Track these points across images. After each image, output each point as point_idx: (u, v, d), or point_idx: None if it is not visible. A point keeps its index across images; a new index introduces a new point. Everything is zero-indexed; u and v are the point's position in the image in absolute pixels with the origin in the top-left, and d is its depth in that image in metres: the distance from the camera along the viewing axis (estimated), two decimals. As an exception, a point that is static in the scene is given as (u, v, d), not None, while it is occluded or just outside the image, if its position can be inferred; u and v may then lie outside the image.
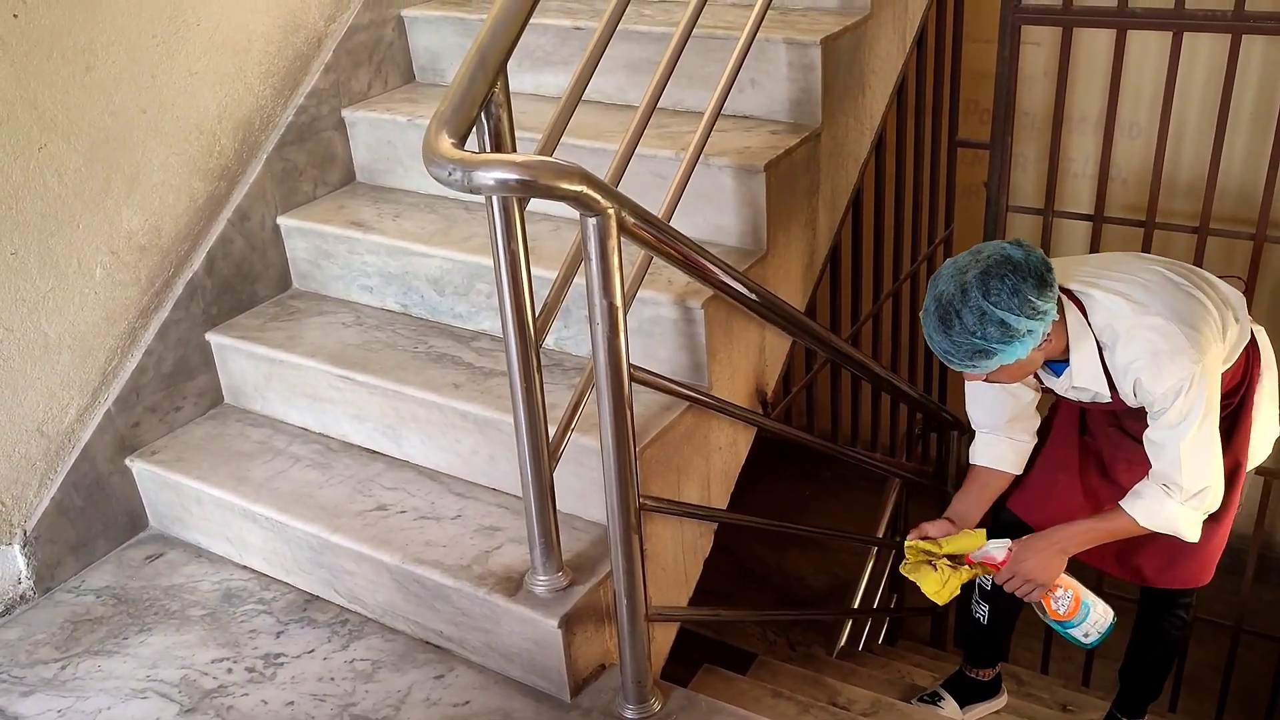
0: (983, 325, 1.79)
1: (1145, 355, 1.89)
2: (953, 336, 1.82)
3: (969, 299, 1.79)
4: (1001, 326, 1.79)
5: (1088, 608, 2.15)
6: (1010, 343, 1.81)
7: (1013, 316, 1.79)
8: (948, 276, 1.85)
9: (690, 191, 1.98)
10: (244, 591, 2.17)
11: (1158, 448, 1.97)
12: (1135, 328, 1.90)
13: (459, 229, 2.38)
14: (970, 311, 1.79)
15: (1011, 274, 1.79)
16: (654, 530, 1.98)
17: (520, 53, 2.53)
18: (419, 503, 2.10)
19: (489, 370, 2.17)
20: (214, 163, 2.35)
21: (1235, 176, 3.65)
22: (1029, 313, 1.79)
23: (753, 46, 2.05)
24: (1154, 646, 2.56)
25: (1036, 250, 1.85)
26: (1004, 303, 1.78)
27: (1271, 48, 3.52)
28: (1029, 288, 1.79)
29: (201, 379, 2.40)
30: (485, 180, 1.36)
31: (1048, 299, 1.81)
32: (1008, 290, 1.78)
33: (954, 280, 1.83)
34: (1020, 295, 1.78)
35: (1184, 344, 1.87)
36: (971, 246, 1.92)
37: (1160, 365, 1.88)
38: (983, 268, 1.81)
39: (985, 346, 1.81)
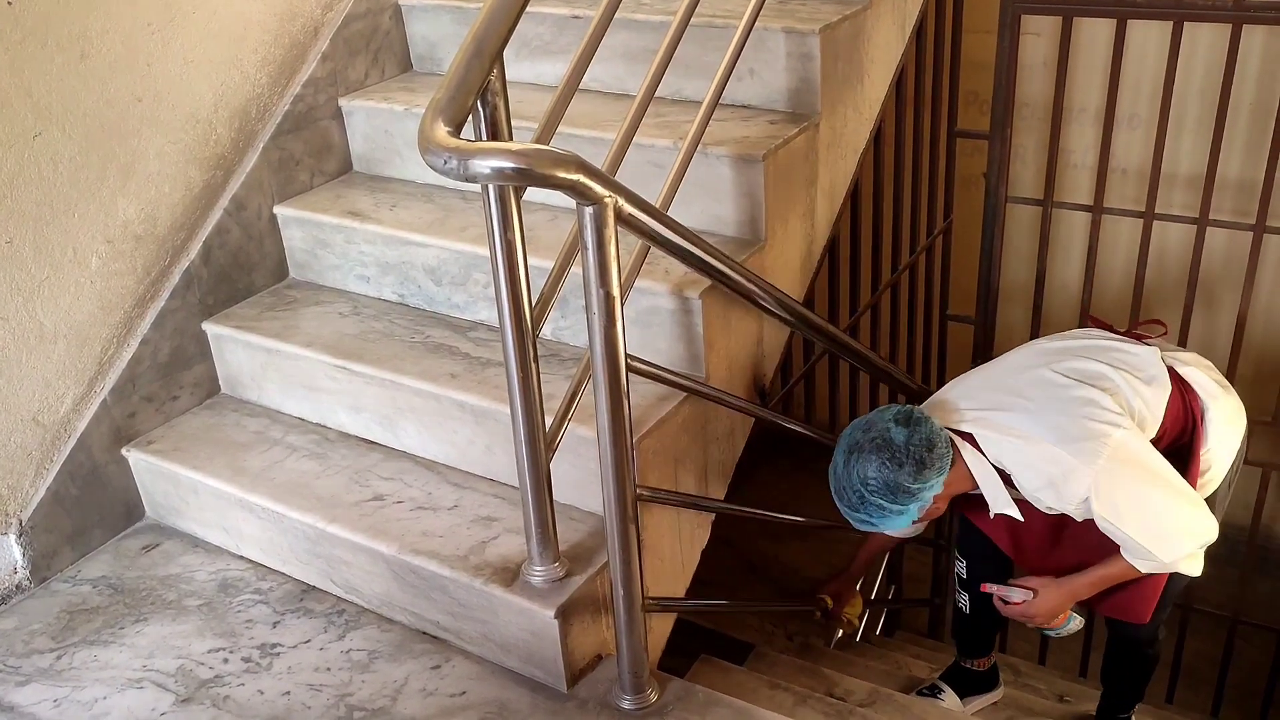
0: (864, 505, 1.91)
1: (1042, 484, 1.93)
2: (844, 506, 1.96)
3: (851, 483, 1.91)
4: (879, 508, 1.90)
5: (1070, 620, 2.27)
6: (891, 517, 1.92)
7: (888, 501, 1.89)
8: (842, 446, 1.95)
9: (688, 181, 1.97)
10: (240, 581, 2.17)
11: (1114, 538, 1.98)
12: (1024, 464, 1.94)
13: (456, 219, 2.37)
14: (853, 493, 1.91)
15: (889, 462, 1.87)
16: (651, 520, 1.97)
17: (518, 42, 2.52)
18: (416, 493, 2.09)
19: (486, 360, 2.17)
20: (210, 152, 2.34)
21: (1235, 168, 3.64)
22: (903, 498, 1.88)
23: (751, 35, 2.04)
24: (1127, 658, 2.57)
25: (925, 424, 1.90)
26: (879, 491, 1.88)
27: (1272, 39, 3.51)
28: (905, 475, 1.86)
29: (198, 369, 2.40)
30: (481, 169, 1.35)
31: (924, 479, 1.88)
32: (882, 481, 1.87)
33: (843, 454, 1.93)
34: (894, 484, 1.87)
35: (1074, 462, 1.89)
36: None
37: (1059, 489, 1.92)
38: (862, 454, 1.89)
39: (868, 519, 1.94)
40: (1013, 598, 2.19)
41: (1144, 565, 2.02)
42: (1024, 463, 1.95)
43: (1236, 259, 3.05)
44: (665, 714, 1.80)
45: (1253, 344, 3.57)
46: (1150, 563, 2.01)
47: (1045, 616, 2.19)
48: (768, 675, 2.31)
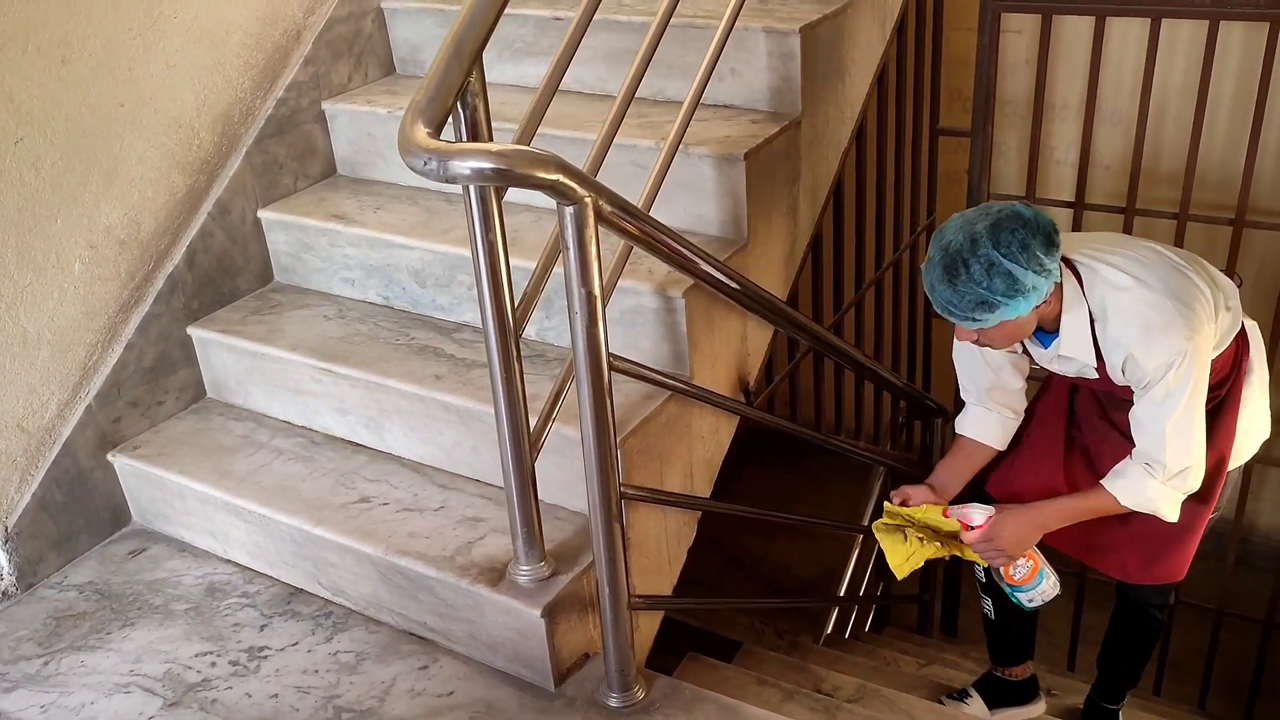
0: (990, 277, 1.80)
1: (1137, 328, 1.89)
2: (958, 287, 1.83)
3: (978, 249, 1.81)
4: (1008, 279, 1.80)
5: (1042, 577, 2.19)
6: (1014, 297, 1.82)
7: (1020, 269, 1.79)
8: (955, 228, 1.86)
9: (670, 181, 1.98)
10: (228, 585, 2.17)
11: (1141, 424, 1.98)
12: (1130, 301, 1.91)
13: (440, 220, 2.37)
14: (979, 262, 1.80)
15: (1021, 229, 1.81)
16: (637, 519, 1.98)
17: (500, 43, 2.53)
18: (402, 494, 2.10)
19: (471, 361, 2.17)
20: (193, 156, 2.34)
21: (1215, 162, 3.66)
22: (1036, 268, 1.81)
23: (732, 35, 2.05)
24: (1132, 637, 2.55)
25: (1044, 213, 1.86)
26: (1013, 256, 1.79)
27: (1250, 33, 3.54)
28: (1038, 244, 1.80)
29: (183, 373, 2.40)
30: (461, 170, 1.36)
31: (1053, 258, 1.83)
32: (1018, 244, 1.79)
33: (962, 231, 1.84)
34: (1029, 250, 1.80)
35: (1176, 319, 1.87)
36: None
37: (1152, 338, 1.88)
38: (993, 220, 1.82)
39: (990, 298, 1.82)
40: (974, 518, 2.10)
41: (1129, 492, 1.99)
42: (1125, 306, 1.91)
43: (1218, 253, 3.07)
44: (652, 711, 1.81)
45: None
46: (1138, 485, 1.98)
47: (1012, 544, 2.09)
48: (755, 672, 2.32)
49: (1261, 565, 4.18)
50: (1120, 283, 1.92)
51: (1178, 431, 1.93)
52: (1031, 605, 2.24)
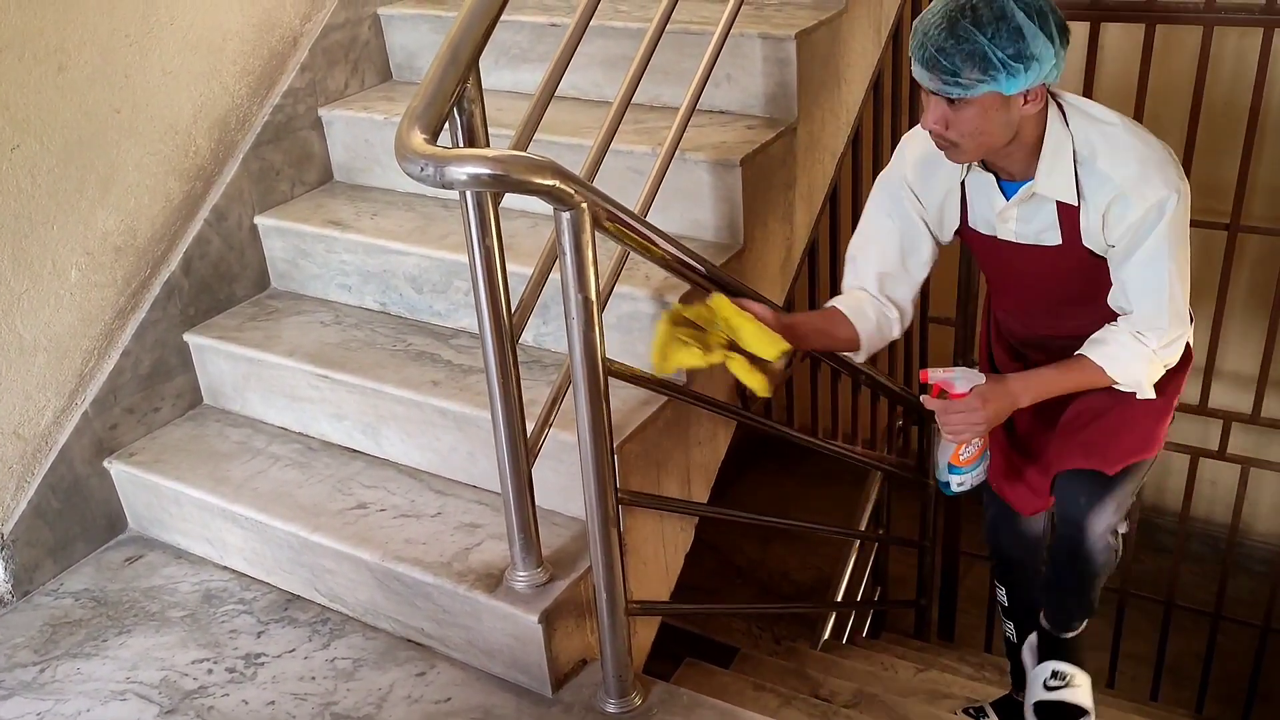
0: (997, 27, 1.56)
1: (1134, 162, 1.70)
2: (956, 30, 1.57)
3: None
4: (1017, 37, 1.57)
5: (986, 457, 2.00)
6: (1016, 64, 1.58)
7: (1032, 30, 1.57)
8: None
9: (667, 187, 1.98)
10: (224, 592, 2.17)
11: (1135, 288, 1.77)
12: (1122, 134, 1.72)
13: (437, 226, 2.37)
14: (989, 7, 1.57)
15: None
16: (634, 524, 1.98)
17: (496, 50, 2.53)
18: (399, 501, 2.10)
19: (468, 367, 2.17)
20: (190, 163, 2.35)
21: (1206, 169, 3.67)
22: (1048, 37, 1.59)
23: (728, 41, 2.05)
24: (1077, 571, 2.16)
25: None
26: (1031, 12, 1.57)
27: (1243, 40, 3.55)
28: (1055, 19, 1.61)
29: (180, 380, 2.39)
30: (457, 175, 1.36)
31: (1064, 43, 1.62)
32: (1041, 4, 1.59)
33: None
34: (1047, 18, 1.59)
35: (1168, 161, 1.71)
36: None
37: (1148, 173, 1.69)
38: None
39: (990, 54, 1.57)
40: (957, 385, 1.83)
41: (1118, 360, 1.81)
42: (1118, 140, 1.72)
43: (1212, 261, 3.08)
44: (650, 717, 1.81)
45: (1229, 345, 3.61)
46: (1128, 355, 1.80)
47: (990, 420, 1.83)
48: (753, 677, 2.32)
49: (1259, 569, 4.19)
50: (1109, 119, 1.73)
51: (1175, 292, 1.75)
52: (960, 489, 2.01)
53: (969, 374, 1.84)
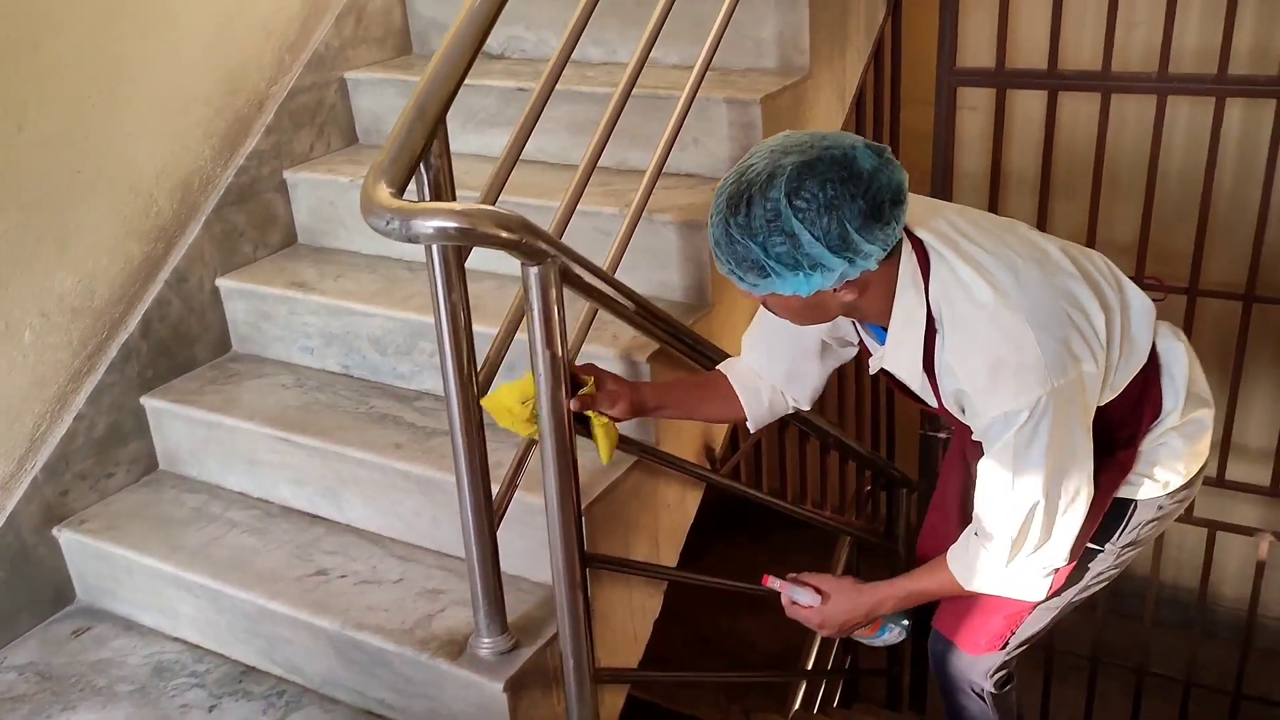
0: (769, 230, 1.35)
1: (982, 363, 1.44)
2: (730, 229, 1.39)
3: (769, 191, 1.35)
4: (790, 243, 1.35)
5: (885, 629, 1.91)
6: (791, 269, 1.37)
7: (809, 237, 1.34)
8: (765, 151, 1.41)
9: (635, 248, 1.98)
10: (175, 664, 2.09)
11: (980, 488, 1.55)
12: (981, 323, 1.44)
13: (401, 288, 2.35)
14: (764, 206, 1.35)
15: (840, 182, 1.33)
16: (601, 590, 1.94)
17: (463, 114, 2.54)
18: (360, 567, 2.04)
19: (432, 430, 2.14)
20: (150, 224, 2.32)
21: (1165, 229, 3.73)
22: (834, 243, 1.35)
23: (695, 105, 2.07)
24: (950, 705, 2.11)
25: (900, 171, 1.39)
26: (809, 215, 1.33)
27: (1195, 110, 3.64)
28: (853, 213, 1.34)
29: (135, 445, 2.33)
30: (424, 229, 1.34)
31: (873, 238, 1.36)
32: (823, 201, 1.33)
33: (769, 158, 1.38)
34: (835, 215, 1.33)
35: (1035, 359, 1.42)
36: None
37: (998, 381, 1.44)
38: (810, 157, 1.35)
39: (760, 260, 1.37)
40: (800, 598, 1.79)
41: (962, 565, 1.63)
42: (973, 328, 1.45)
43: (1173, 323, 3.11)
44: (619, 790, 1.75)
45: (1193, 406, 3.63)
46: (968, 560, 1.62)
47: (835, 629, 1.76)
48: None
49: (1228, 635, 4.17)
50: (977, 294, 1.44)
51: (1018, 501, 1.50)
52: (872, 645, 1.98)
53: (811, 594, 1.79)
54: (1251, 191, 3.34)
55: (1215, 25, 2.68)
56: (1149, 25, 3.56)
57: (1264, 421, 3.72)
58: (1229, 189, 3.74)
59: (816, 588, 1.79)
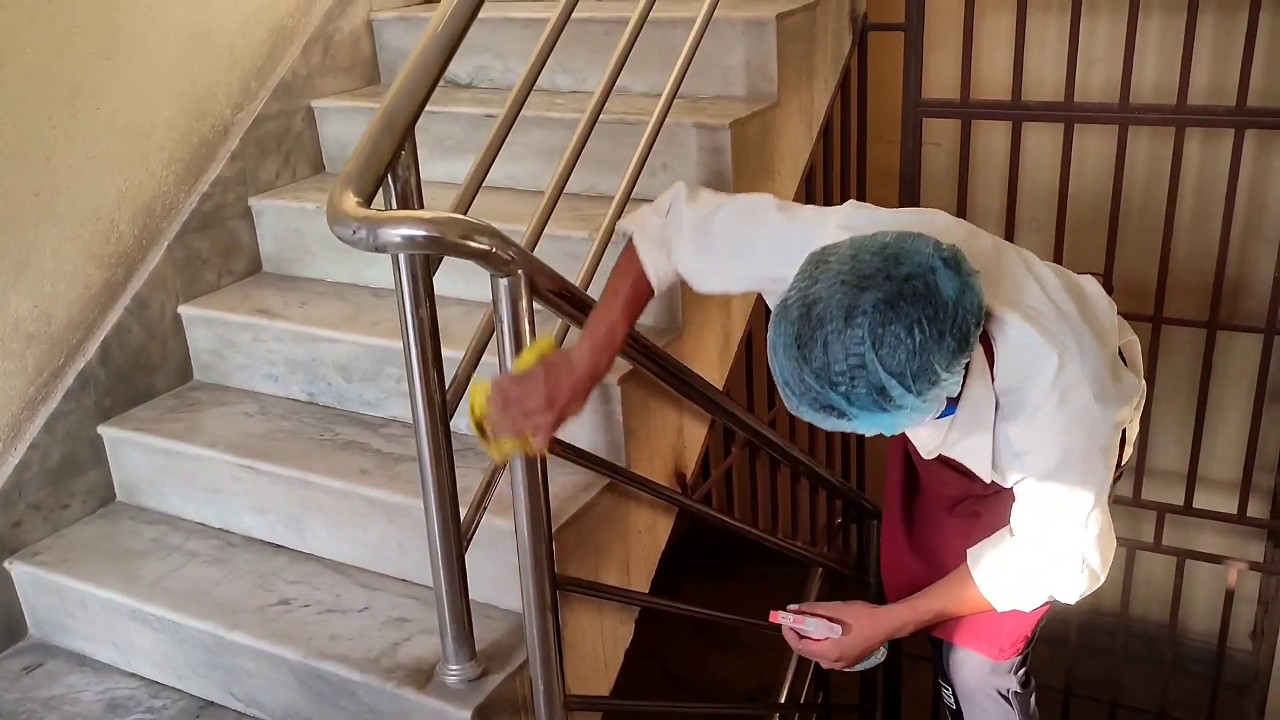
0: (852, 380, 1.20)
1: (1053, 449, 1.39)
2: (804, 374, 1.23)
3: (850, 336, 1.19)
4: (877, 392, 1.21)
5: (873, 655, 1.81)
6: (881, 413, 1.24)
7: (900, 389, 1.21)
8: (832, 279, 1.22)
9: (605, 273, 1.96)
10: (130, 700, 2.02)
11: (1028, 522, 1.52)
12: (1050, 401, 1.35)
13: (368, 315, 2.32)
14: (843, 352, 1.19)
15: (928, 323, 1.19)
16: (572, 617, 1.90)
17: (432, 141, 2.53)
18: (324, 596, 1.99)
19: (399, 456, 2.10)
20: (111, 249, 2.28)
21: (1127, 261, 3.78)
22: (925, 389, 1.22)
23: (664, 131, 2.07)
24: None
25: (976, 280, 1.24)
26: (896, 364, 1.19)
27: (1155, 144, 3.70)
28: (944, 349, 1.20)
29: (91, 475, 2.27)
30: (391, 238, 1.32)
31: (959, 364, 1.24)
32: (911, 349, 1.19)
33: (840, 291, 1.20)
34: (923, 358, 1.20)
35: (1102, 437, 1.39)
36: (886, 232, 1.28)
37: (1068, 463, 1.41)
38: (892, 290, 1.19)
39: (842, 407, 1.23)
40: (811, 632, 1.66)
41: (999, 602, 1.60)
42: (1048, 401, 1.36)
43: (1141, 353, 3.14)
44: (590, 821, 1.70)
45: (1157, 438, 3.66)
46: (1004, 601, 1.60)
47: (852, 660, 1.68)
48: (697, 781, 2.21)
49: (1198, 669, 4.17)
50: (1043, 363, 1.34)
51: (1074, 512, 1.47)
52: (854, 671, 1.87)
53: (826, 626, 1.70)
54: (1211, 225, 3.40)
55: (1172, 63, 2.73)
56: (1108, 63, 3.63)
57: (1229, 453, 3.74)
58: (1188, 223, 3.81)
59: (830, 618, 1.69)
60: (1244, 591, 4.29)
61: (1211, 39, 3.42)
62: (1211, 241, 2.98)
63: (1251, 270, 3.81)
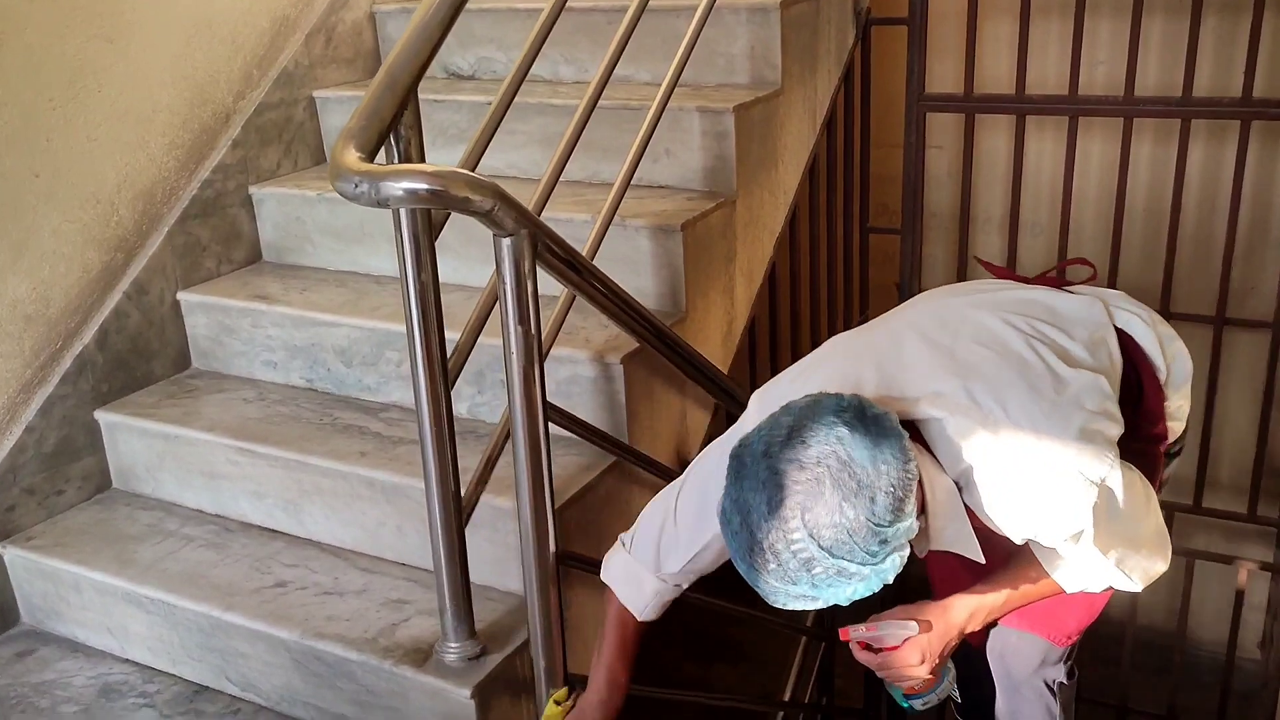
0: (809, 572, 1.21)
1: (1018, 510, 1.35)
2: (767, 579, 1.23)
3: (788, 536, 1.19)
4: (838, 575, 1.21)
5: (945, 672, 1.60)
6: (851, 582, 1.23)
7: (852, 563, 1.20)
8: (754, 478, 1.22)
9: (608, 254, 1.95)
10: (124, 685, 1.98)
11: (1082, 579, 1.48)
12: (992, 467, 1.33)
13: (369, 300, 2.30)
14: (789, 551, 1.20)
15: (853, 495, 1.18)
16: (574, 599, 1.86)
17: (434, 130, 2.51)
18: (321, 579, 1.96)
19: (398, 439, 2.07)
20: (111, 233, 2.26)
21: (1134, 270, 3.77)
22: (875, 546, 1.20)
23: (667, 116, 2.06)
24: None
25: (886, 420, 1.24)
26: (839, 545, 1.19)
27: (1157, 148, 3.69)
28: (880, 509, 1.19)
29: (88, 460, 2.25)
30: (394, 191, 1.30)
31: (904, 507, 1.22)
32: (846, 526, 1.18)
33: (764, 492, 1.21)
34: (865, 528, 1.19)
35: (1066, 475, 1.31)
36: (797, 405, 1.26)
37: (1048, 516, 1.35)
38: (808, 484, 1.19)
39: (817, 594, 1.24)
40: (890, 641, 1.48)
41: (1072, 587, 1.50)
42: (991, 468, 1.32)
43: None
44: (591, 803, 1.66)
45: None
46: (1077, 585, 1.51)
47: (938, 662, 1.48)
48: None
49: (1207, 679, 4.12)
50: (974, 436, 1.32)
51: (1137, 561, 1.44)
52: (926, 706, 1.62)
53: (895, 624, 1.49)
54: (1217, 228, 3.38)
55: (1175, 65, 2.71)
56: (1110, 65, 3.63)
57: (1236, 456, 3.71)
58: (1193, 228, 3.79)
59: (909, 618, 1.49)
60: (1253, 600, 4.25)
61: (1214, 42, 3.42)
62: (1217, 244, 2.97)
63: (1258, 272, 3.79)
